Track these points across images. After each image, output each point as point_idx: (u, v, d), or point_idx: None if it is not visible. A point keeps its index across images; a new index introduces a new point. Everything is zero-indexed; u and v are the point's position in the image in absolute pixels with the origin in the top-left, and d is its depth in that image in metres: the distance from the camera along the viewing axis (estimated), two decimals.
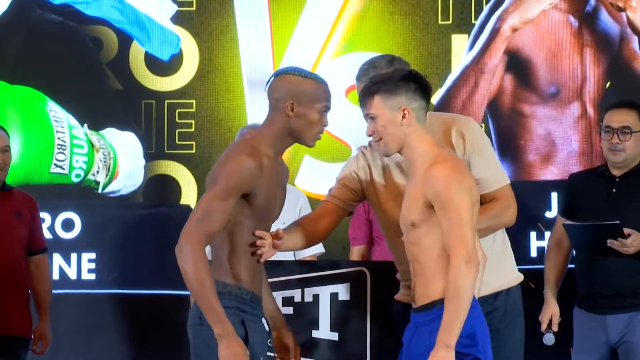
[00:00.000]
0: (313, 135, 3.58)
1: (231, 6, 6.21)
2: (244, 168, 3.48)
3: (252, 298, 3.55)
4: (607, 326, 4.48)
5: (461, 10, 6.18)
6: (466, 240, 3.32)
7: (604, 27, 6.15)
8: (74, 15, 6.19)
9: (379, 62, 3.80)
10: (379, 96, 3.46)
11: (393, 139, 3.47)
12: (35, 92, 6.16)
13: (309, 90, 3.56)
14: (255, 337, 3.52)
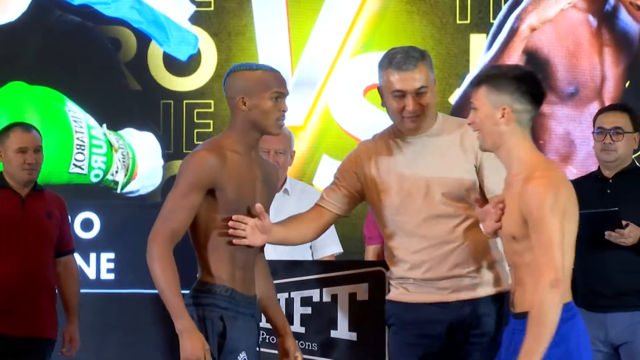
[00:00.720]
0: (272, 122, 3.60)
1: (249, 6, 6.23)
2: (202, 163, 3.52)
3: (233, 295, 3.58)
4: (607, 325, 4.52)
5: (479, 10, 6.17)
6: (554, 263, 3.26)
7: (624, 27, 6.13)
8: (92, 15, 6.22)
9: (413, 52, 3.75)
10: (484, 88, 3.36)
11: (488, 135, 3.38)
12: (54, 92, 6.19)
13: (256, 81, 3.60)
14: (235, 332, 3.55)
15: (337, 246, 5.03)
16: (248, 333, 3.63)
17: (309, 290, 4.21)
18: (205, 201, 3.55)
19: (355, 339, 4.20)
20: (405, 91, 3.71)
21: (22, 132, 4.70)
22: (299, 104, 6.16)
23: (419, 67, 3.70)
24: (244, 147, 3.62)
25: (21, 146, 4.65)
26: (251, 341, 3.65)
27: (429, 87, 3.70)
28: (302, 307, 4.19)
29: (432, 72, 3.74)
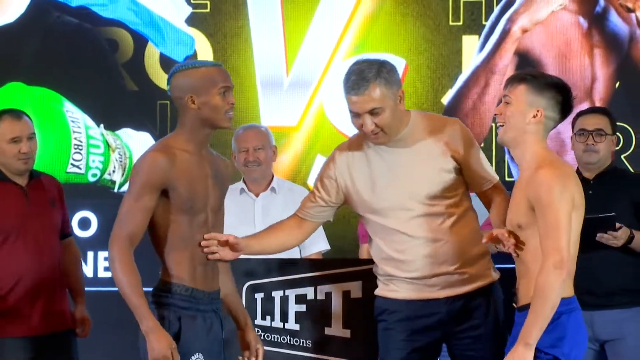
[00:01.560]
0: (222, 117, 3.64)
1: (245, 8, 6.23)
2: (152, 164, 3.56)
3: (193, 293, 3.62)
4: (593, 323, 4.54)
5: (472, 12, 6.19)
6: (560, 245, 3.36)
7: (614, 28, 6.15)
8: (90, 17, 6.22)
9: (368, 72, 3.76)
10: (525, 86, 3.49)
11: (513, 130, 3.49)
12: (52, 93, 6.20)
13: (202, 78, 3.63)
14: (190, 333, 3.60)
15: (324, 243, 5.08)
16: (207, 332, 3.65)
17: (303, 288, 4.23)
18: (160, 201, 3.59)
19: (349, 336, 4.22)
20: (358, 113, 3.77)
21: (13, 120, 4.47)
22: (293, 104, 6.18)
23: (371, 88, 3.72)
24: (194, 145, 3.65)
25: (13, 136, 4.44)
26: (211, 340, 3.66)
27: (383, 107, 3.73)
28: (297, 305, 4.22)
29: (391, 88, 3.73)
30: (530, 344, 3.34)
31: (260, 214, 5.03)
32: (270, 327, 4.25)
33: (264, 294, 4.27)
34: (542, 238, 3.38)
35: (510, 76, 3.61)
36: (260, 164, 5.03)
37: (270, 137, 5.10)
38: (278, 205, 5.03)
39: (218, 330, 3.69)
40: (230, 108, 3.66)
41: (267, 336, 4.21)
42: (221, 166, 3.78)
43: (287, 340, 4.24)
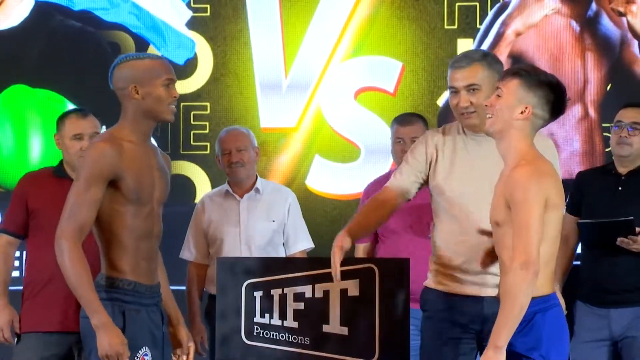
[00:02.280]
0: (165, 109, 3.64)
1: (244, 12, 6.23)
2: (99, 155, 3.54)
3: (136, 288, 3.61)
4: (610, 320, 4.54)
5: (466, 16, 6.20)
6: (528, 246, 3.29)
7: (605, 32, 6.16)
8: (92, 21, 6.23)
9: (474, 53, 3.93)
10: (518, 81, 3.43)
11: (500, 124, 3.45)
12: (55, 95, 6.21)
13: (146, 69, 3.63)
14: (134, 327, 3.58)
15: (308, 242, 5.12)
16: (150, 325, 3.63)
17: (301, 286, 4.21)
18: (107, 193, 3.55)
19: (347, 334, 4.20)
20: (456, 88, 3.87)
21: (77, 118, 4.51)
22: (292, 106, 6.20)
23: (473, 65, 3.85)
24: (138, 135, 3.64)
25: (76, 133, 4.47)
26: (153, 334, 3.65)
27: (481, 86, 3.84)
28: (295, 303, 4.21)
29: (492, 73, 3.84)
30: (499, 346, 3.28)
31: (245, 214, 5.07)
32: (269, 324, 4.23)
33: (262, 292, 4.24)
34: (513, 237, 3.33)
35: (507, 69, 3.57)
36: (243, 165, 5.06)
37: (252, 138, 5.13)
38: (263, 205, 5.07)
39: (159, 324, 3.69)
40: (173, 101, 3.64)
41: (266, 334, 4.21)
42: (165, 160, 3.78)
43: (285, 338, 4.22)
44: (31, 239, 4.49)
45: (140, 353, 3.60)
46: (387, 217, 4.07)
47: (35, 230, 4.46)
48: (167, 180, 3.74)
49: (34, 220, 4.46)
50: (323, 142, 6.22)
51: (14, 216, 4.50)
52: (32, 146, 6.23)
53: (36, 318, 4.41)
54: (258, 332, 4.21)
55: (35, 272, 4.45)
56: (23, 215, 4.47)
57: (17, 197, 4.51)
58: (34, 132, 6.17)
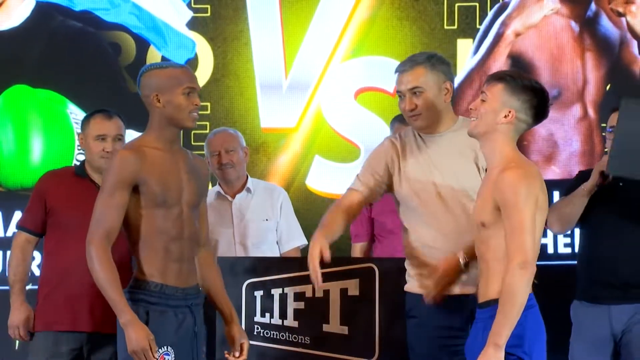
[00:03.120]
0: (185, 116, 3.71)
1: (244, 12, 6.24)
2: (122, 162, 3.64)
3: (163, 289, 3.67)
4: (611, 317, 4.49)
5: (466, 16, 6.21)
6: (525, 246, 3.35)
7: (605, 32, 6.17)
8: (93, 21, 6.24)
9: (418, 57, 3.95)
10: (502, 85, 3.48)
11: (484, 127, 3.49)
12: (56, 95, 6.22)
13: (167, 78, 3.71)
14: (158, 327, 3.63)
15: (302, 239, 5.11)
16: (178, 327, 3.68)
17: (302, 285, 4.24)
18: (133, 198, 3.64)
19: (347, 333, 4.24)
20: (401, 92, 3.91)
21: (103, 119, 4.52)
22: (292, 107, 6.21)
23: (415, 68, 3.89)
24: (163, 142, 3.72)
25: (100, 133, 4.47)
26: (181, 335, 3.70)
27: (425, 89, 3.88)
28: (296, 302, 4.24)
29: (436, 75, 3.90)
30: (500, 345, 3.34)
31: (238, 214, 5.08)
32: (269, 324, 4.27)
33: (263, 292, 4.29)
34: (508, 239, 3.38)
35: (491, 74, 3.61)
36: (233, 166, 5.06)
37: (241, 139, 5.13)
38: (254, 205, 5.08)
39: (190, 326, 3.72)
40: (194, 109, 3.71)
41: (267, 333, 4.24)
42: (198, 164, 3.83)
43: (286, 337, 4.26)
44: (48, 237, 4.50)
45: (161, 352, 3.63)
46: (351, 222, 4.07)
47: (52, 228, 4.48)
48: (198, 183, 3.79)
49: (51, 218, 4.47)
50: (323, 142, 6.24)
51: (33, 214, 4.51)
52: (33, 146, 6.23)
53: (49, 317, 4.43)
54: (258, 332, 4.24)
55: (50, 270, 4.46)
56: (42, 213, 4.48)
57: (36, 194, 4.52)
58: (35, 132, 6.18)
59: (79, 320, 4.37)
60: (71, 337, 4.40)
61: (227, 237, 5.05)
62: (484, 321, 3.46)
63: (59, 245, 4.41)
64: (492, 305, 3.42)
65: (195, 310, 3.76)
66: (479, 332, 3.47)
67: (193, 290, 3.75)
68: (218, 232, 5.04)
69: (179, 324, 3.70)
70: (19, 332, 4.46)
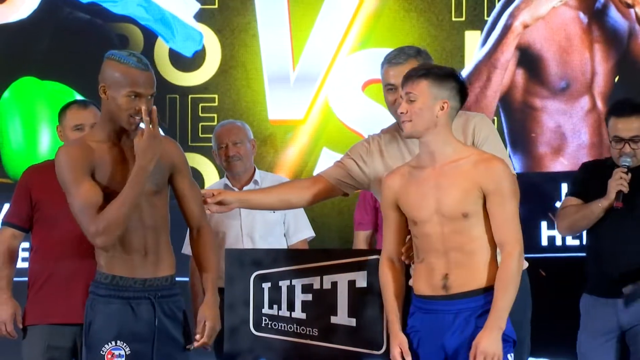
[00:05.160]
0: (124, 118, 3.54)
1: (252, 4, 6.26)
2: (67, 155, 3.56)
3: (114, 281, 3.59)
4: (618, 310, 4.51)
5: (474, 8, 6.22)
6: (520, 235, 3.47)
7: (613, 23, 6.17)
8: (101, 13, 6.25)
9: (408, 50, 3.91)
10: (427, 81, 3.51)
11: (423, 124, 3.52)
12: (64, 87, 6.23)
13: (118, 75, 3.54)
14: (103, 320, 3.57)
15: (309, 231, 5.11)
16: (130, 319, 3.60)
17: (309, 277, 4.21)
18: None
19: (354, 325, 4.19)
20: (393, 84, 3.86)
21: (78, 109, 4.49)
22: (300, 99, 6.22)
23: (409, 62, 3.84)
24: (109, 134, 3.59)
25: (77, 123, 4.43)
26: (138, 327, 3.61)
27: None
28: (303, 294, 4.21)
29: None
30: (503, 328, 3.46)
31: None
32: (277, 315, 4.22)
33: (271, 284, 4.24)
34: (501, 226, 3.46)
35: (407, 73, 3.58)
36: (240, 158, 5.05)
37: (248, 131, 5.13)
38: None
39: (149, 318, 3.64)
40: (135, 112, 3.54)
41: (274, 325, 4.21)
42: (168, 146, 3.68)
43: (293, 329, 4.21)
44: (35, 231, 4.49)
45: (107, 347, 3.58)
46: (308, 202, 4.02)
47: (39, 222, 4.46)
48: (157, 169, 3.64)
49: (38, 212, 4.46)
50: (331, 135, 6.25)
51: (18, 209, 4.49)
52: (41, 138, 6.26)
53: (40, 310, 4.42)
54: (266, 324, 4.21)
55: (39, 264, 4.45)
56: (27, 207, 4.47)
57: (20, 189, 4.51)
58: (43, 124, 6.20)
59: (73, 312, 4.34)
60: (66, 330, 4.40)
61: (234, 230, 5.06)
62: (474, 310, 3.50)
63: (47, 238, 4.40)
64: (482, 294, 3.48)
65: (161, 302, 3.68)
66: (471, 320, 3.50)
67: (160, 281, 3.68)
68: (225, 225, 5.04)
69: (133, 316, 3.63)
70: (6, 327, 4.45)
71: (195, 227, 3.80)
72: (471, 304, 3.51)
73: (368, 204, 5.07)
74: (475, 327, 3.49)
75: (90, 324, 3.63)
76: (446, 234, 3.53)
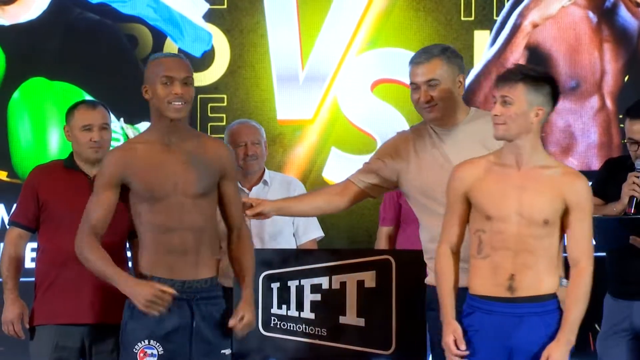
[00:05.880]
0: (165, 106, 3.65)
1: (261, 4, 6.26)
2: (106, 163, 3.71)
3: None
4: (632, 312, 4.53)
5: (483, 7, 6.22)
6: (593, 253, 3.56)
7: (623, 23, 6.17)
8: (110, 13, 6.24)
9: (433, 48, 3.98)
10: (524, 86, 3.49)
11: (516, 129, 3.51)
12: (73, 87, 6.22)
13: (151, 70, 3.71)
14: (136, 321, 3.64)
15: (318, 231, 5.11)
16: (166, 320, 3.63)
17: (318, 277, 4.25)
18: (130, 195, 3.68)
19: (363, 325, 4.24)
20: (416, 83, 3.92)
21: (87, 109, 4.50)
22: (308, 98, 6.22)
23: (432, 60, 3.90)
24: (157, 135, 3.69)
25: (85, 124, 4.44)
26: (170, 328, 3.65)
27: (440, 81, 3.89)
28: (312, 294, 4.25)
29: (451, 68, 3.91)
30: (573, 342, 3.53)
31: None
32: (286, 315, 4.27)
33: (280, 284, 4.29)
34: (581, 240, 3.53)
35: (504, 75, 3.57)
36: (257, 158, 5.05)
37: (263, 132, 5.15)
38: (271, 197, 5.01)
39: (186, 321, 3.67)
40: (173, 98, 3.64)
41: (283, 325, 4.24)
42: (209, 149, 3.75)
43: (302, 329, 4.26)
44: (42, 231, 4.50)
45: (140, 346, 3.62)
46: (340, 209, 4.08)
47: (46, 223, 4.47)
48: (202, 170, 3.71)
49: (44, 212, 4.47)
50: (339, 134, 6.25)
51: (25, 209, 4.50)
52: (51, 138, 6.26)
53: (48, 310, 4.43)
54: (275, 324, 4.24)
55: (46, 264, 4.45)
56: (34, 207, 4.48)
57: (27, 189, 4.51)
58: (52, 125, 6.20)
59: (80, 313, 4.36)
60: (74, 331, 4.40)
61: None
62: (541, 315, 3.52)
63: (54, 239, 4.40)
64: (548, 300, 3.52)
65: (200, 305, 3.71)
66: (539, 328, 3.51)
67: (200, 283, 3.71)
68: None
69: (169, 317, 3.65)
70: (13, 327, 4.45)
71: (235, 230, 3.87)
72: (538, 309, 3.52)
73: (392, 199, 5.12)
74: (544, 334, 3.51)
75: (126, 323, 3.68)
76: (522, 235, 3.53)
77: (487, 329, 3.56)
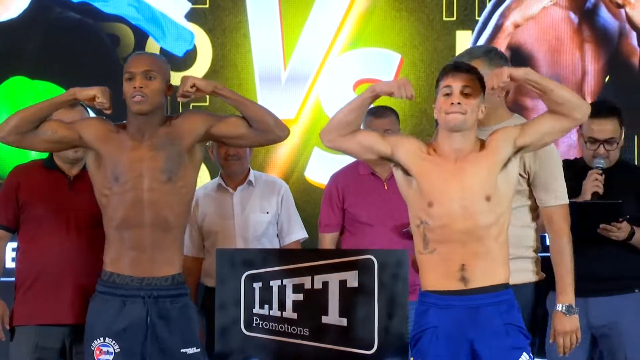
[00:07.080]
0: (129, 102, 3.83)
1: (243, 4, 6.26)
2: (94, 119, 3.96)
3: (112, 278, 3.70)
4: (588, 310, 4.46)
5: (465, 7, 6.23)
6: None
7: (604, 23, 6.20)
8: (91, 13, 6.25)
9: (475, 50, 4.02)
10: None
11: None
12: (54, 87, 6.22)
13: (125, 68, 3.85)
14: (95, 316, 3.67)
15: (302, 232, 5.11)
16: (121, 317, 3.66)
17: (300, 277, 4.25)
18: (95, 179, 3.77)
19: (345, 325, 4.24)
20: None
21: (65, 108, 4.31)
22: (291, 98, 6.23)
23: (472, 62, 3.95)
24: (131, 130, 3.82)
25: None
26: (126, 325, 3.67)
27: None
28: (294, 294, 4.25)
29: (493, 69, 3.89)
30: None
31: (239, 207, 5.07)
32: (268, 315, 4.26)
33: (262, 283, 4.28)
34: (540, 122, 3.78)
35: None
36: (239, 158, 5.05)
37: None
38: (255, 197, 5.07)
39: (140, 317, 3.68)
40: (133, 92, 3.76)
41: (265, 324, 4.24)
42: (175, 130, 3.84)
43: (284, 329, 4.26)
44: (22, 232, 4.48)
45: (96, 343, 3.63)
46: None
47: (26, 223, 4.45)
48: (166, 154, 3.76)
49: (24, 212, 4.46)
50: None
51: (4, 209, 4.49)
52: None
53: (28, 311, 4.41)
54: (257, 323, 4.23)
55: (27, 264, 4.44)
56: (13, 208, 4.47)
57: (7, 190, 4.50)
58: None
59: (61, 313, 4.35)
60: (54, 331, 4.38)
61: (227, 230, 5.05)
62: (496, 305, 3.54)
63: (34, 239, 4.40)
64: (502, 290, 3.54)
65: (157, 302, 3.70)
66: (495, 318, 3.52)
67: (160, 281, 3.71)
68: (218, 225, 5.04)
69: (124, 314, 3.66)
70: None
71: (246, 119, 4.00)
72: (493, 299, 3.52)
73: (335, 204, 5.05)
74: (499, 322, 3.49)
75: (87, 318, 3.71)
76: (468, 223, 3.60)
77: (445, 325, 3.56)
